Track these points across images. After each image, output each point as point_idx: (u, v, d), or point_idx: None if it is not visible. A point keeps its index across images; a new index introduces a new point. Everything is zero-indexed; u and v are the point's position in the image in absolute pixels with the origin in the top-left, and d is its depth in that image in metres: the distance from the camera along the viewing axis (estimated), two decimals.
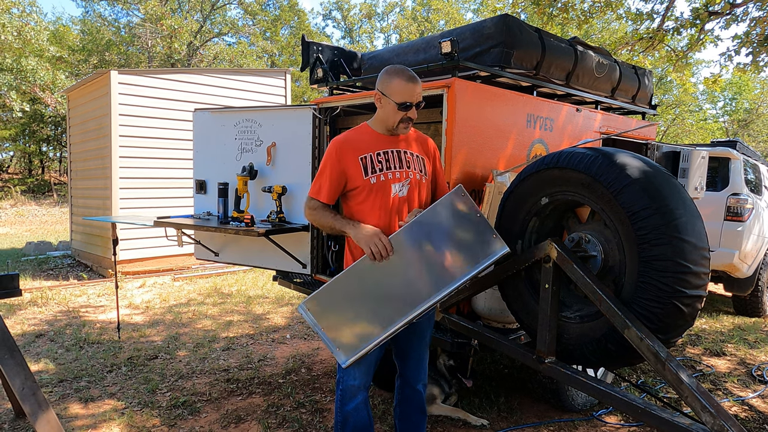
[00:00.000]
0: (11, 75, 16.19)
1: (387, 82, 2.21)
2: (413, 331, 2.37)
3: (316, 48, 3.94)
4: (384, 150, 2.27)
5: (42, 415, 2.64)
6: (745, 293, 6.26)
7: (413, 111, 2.22)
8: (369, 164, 2.23)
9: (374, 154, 2.25)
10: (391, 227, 2.24)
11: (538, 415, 3.46)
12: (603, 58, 3.95)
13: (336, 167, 2.22)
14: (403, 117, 2.21)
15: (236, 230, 3.55)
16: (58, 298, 6.55)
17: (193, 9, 24.89)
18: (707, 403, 1.77)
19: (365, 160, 2.24)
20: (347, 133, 2.31)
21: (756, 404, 3.78)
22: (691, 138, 24.32)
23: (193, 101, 8.13)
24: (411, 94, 2.19)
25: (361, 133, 2.30)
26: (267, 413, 3.47)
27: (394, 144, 2.30)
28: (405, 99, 2.18)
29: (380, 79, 2.24)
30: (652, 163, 2.17)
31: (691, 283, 1.95)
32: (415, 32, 29.80)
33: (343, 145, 2.24)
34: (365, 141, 2.27)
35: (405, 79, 2.18)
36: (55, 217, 17.67)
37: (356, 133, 2.31)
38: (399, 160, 2.28)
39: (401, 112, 2.20)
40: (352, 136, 2.29)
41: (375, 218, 2.24)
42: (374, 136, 2.29)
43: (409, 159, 2.31)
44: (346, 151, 2.23)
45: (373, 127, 2.32)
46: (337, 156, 2.22)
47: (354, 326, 2.13)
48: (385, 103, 2.22)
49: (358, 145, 2.25)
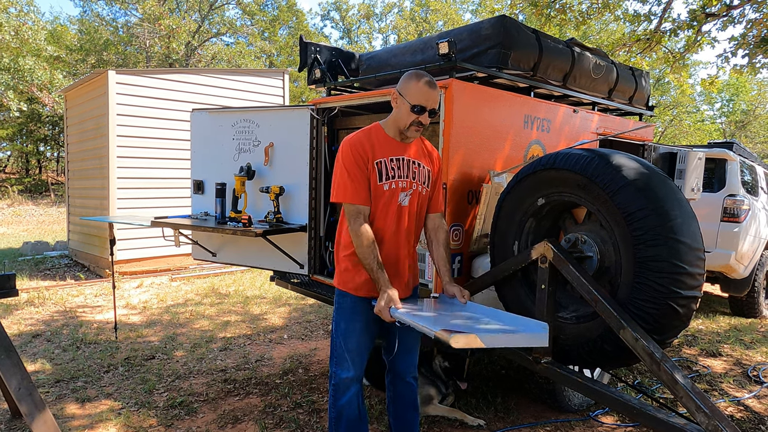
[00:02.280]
0: (8, 74, 16.14)
1: (406, 84, 2.23)
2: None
3: (314, 48, 3.94)
4: (396, 157, 2.28)
5: (38, 416, 2.63)
6: (741, 294, 6.28)
7: (425, 116, 2.22)
8: (384, 170, 2.25)
9: (388, 159, 2.26)
10: (390, 233, 2.27)
11: (535, 416, 3.47)
12: (600, 59, 3.96)
13: (363, 168, 2.22)
14: (414, 120, 2.22)
15: (234, 230, 3.54)
16: (55, 298, 6.54)
17: (192, 9, 24.87)
18: (702, 404, 1.78)
19: (380, 165, 2.24)
20: (364, 134, 2.29)
21: (752, 405, 3.79)
22: (688, 139, 24.38)
23: (190, 101, 8.13)
24: (426, 98, 2.19)
25: (375, 136, 2.29)
26: (264, 413, 3.47)
27: (404, 151, 2.31)
28: (419, 102, 2.19)
29: (401, 81, 2.27)
30: (647, 165, 2.18)
31: (686, 284, 1.96)
32: (413, 33, 29.83)
33: (364, 145, 2.24)
34: (380, 145, 2.27)
35: (423, 83, 2.20)
36: (52, 217, 17.62)
37: (370, 134, 2.29)
38: (408, 169, 2.30)
39: (414, 114, 2.20)
40: (369, 138, 2.28)
41: (375, 226, 2.26)
42: (387, 141, 2.29)
43: (416, 169, 2.32)
44: (366, 152, 2.23)
45: (386, 129, 2.32)
46: (359, 156, 2.22)
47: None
48: (401, 103, 2.23)
49: (374, 149, 2.25)
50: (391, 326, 2.37)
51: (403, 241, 2.33)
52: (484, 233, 3.04)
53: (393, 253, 2.31)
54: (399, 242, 2.31)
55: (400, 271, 2.34)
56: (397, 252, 2.32)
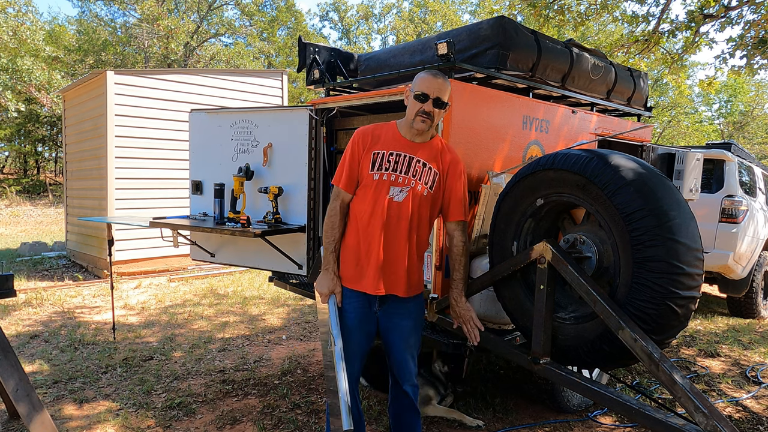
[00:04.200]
0: (7, 75, 16.11)
1: (416, 78, 2.29)
2: (395, 329, 2.37)
3: (313, 49, 3.94)
4: (398, 152, 2.30)
5: (36, 417, 2.63)
6: (739, 294, 6.29)
7: (429, 104, 2.22)
8: (378, 160, 2.28)
9: (387, 152, 2.29)
10: (378, 226, 2.26)
11: (534, 416, 3.47)
12: (599, 60, 3.96)
13: (355, 155, 2.30)
14: (419, 110, 2.23)
15: (232, 231, 3.54)
16: (53, 298, 6.52)
17: (190, 9, 24.84)
18: (700, 404, 1.78)
19: (377, 155, 2.28)
20: (374, 125, 2.37)
21: (750, 405, 3.79)
22: (686, 140, 24.44)
23: (189, 102, 8.12)
24: (429, 85, 2.22)
25: (386, 130, 2.35)
26: (262, 414, 3.46)
27: (411, 150, 2.31)
28: (422, 90, 2.22)
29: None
30: (646, 165, 2.19)
31: (684, 284, 1.96)
32: (412, 34, 29.83)
33: (366, 135, 2.32)
34: (386, 138, 2.32)
35: (429, 74, 2.27)
36: (50, 217, 17.59)
37: (382, 128, 2.36)
38: (408, 166, 2.29)
39: (418, 103, 2.23)
40: (377, 129, 2.35)
41: (363, 218, 2.27)
42: (396, 137, 2.32)
43: (419, 168, 2.30)
44: (366, 141, 2.30)
45: (399, 127, 2.35)
46: (357, 143, 2.30)
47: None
48: (409, 96, 2.29)
49: (378, 140, 2.31)
50: (385, 332, 2.38)
51: (399, 239, 2.28)
52: (482, 234, 3.04)
53: (377, 250, 2.27)
54: (390, 239, 2.27)
55: (389, 269, 2.29)
56: (386, 248, 2.27)
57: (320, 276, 2.35)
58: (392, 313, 2.36)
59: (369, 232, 2.27)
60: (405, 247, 2.31)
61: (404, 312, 2.37)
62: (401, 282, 2.32)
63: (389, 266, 2.29)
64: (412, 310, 2.41)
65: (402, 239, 2.29)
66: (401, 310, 2.37)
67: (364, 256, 2.28)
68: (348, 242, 2.33)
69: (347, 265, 2.33)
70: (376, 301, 2.33)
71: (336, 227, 2.32)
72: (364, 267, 2.28)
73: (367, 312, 2.33)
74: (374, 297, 2.32)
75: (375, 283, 2.28)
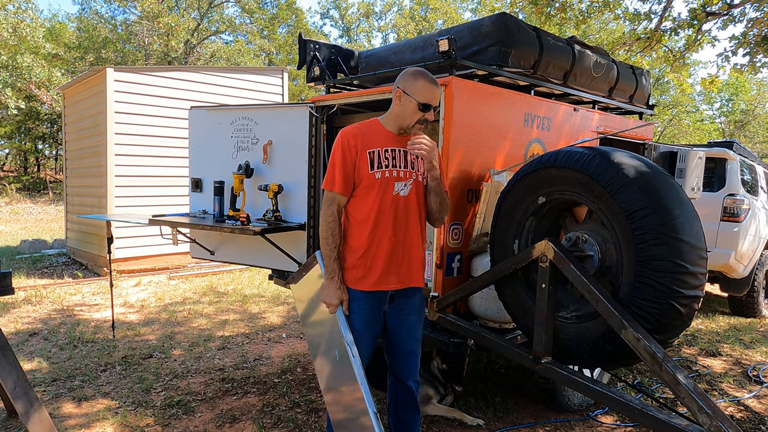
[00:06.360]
0: (7, 72, 16.08)
1: (411, 82, 2.23)
2: (402, 325, 2.36)
3: (314, 46, 3.92)
4: (392, 147, 2.29)
5: (34, 415, 2.62)
6: (741, 294, 6.28)
7: (431, 113, 2.25)
8: (376, 159, 2.25)
9: (382, 150, 2.27)
10: (388, 224, 2.24)
11: (534, 416, 3.46)
12: (601, 57, 3.94)
13: (348, 157, 2.24)
14: (420, 118, 2.24)
15: (232, 229, 3.52)
16: (52, 296, 6.51)
17: (191, 7, 24.81)
18: (704, 404, 1.77)
19: (373, 154, 2.25)
20: (358, 126, 2.32)
21: (752, 405, 3.78)
22: (687, 138, 24.40)
23: (189, 99, 8.09)
24: (433, 96, 2.23)
25: (372, 128, 2.32)
26: (262, 413, 3.45)
27: (402, 144, 2.30)
28: (427, 100, 2.21)
29: (403, 78, 2.26)
30: (649, 163, 2.17)
31: (688, 284, 1.95)
32: (412, 31, 29.77)
33: (354, 136, 2.26)
34: (375, 136, 2.29)
35: (429, 82, 2.23)
36: (50, 215, 17.58)
37: (366, 127, 2.32)
38: (405, 159, 2.29)
39: (420, 112, 2.22)
40: (362, 129, 2.30)
41: (371, 217, 2.24)
42: (384, 133, 2.31)
43: (413, 160, 2.31)
44: (356, 143, 2.25)
45: (384, 124, 2.33)
46: (348, 146, 2.24)
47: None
48: (406, 101, 2.23)
49: (368, 139, 2.27)
50: (390, 327, 2.36)
51: (411, 232, 2.30)
52: (484, 232, 3.02)
53: (389, 247, 2.26)
54: (401, 233, 2.28)
55: (405, 263, 2.30)
56: (400, 243, 2.28)
57: (326, 286, 2.27)
58: (400, 310, 2.35)
59: (379, 231, 2.25)
60: (417, 238, 2.34)
61: (411, 307, 2.38)
62: (418, 272, 2.36)
63: (404, 260, 2.30)
64: (417, 304, 2.41)
65: (413, 231, 2.32)
66: (408, 306, 2.37)
67: (375, 255, 2.26)
68: (352, 245, 2.29)
69: (354, 268, 2.29)
70: (386, 299, 2.32)
71: (337, 234, 2.25)
72: (377, 266, 2.26)
73: (375, 313, 2.32)
74: (384, 295, 2.30)
75: (390, 279, 2.28)
